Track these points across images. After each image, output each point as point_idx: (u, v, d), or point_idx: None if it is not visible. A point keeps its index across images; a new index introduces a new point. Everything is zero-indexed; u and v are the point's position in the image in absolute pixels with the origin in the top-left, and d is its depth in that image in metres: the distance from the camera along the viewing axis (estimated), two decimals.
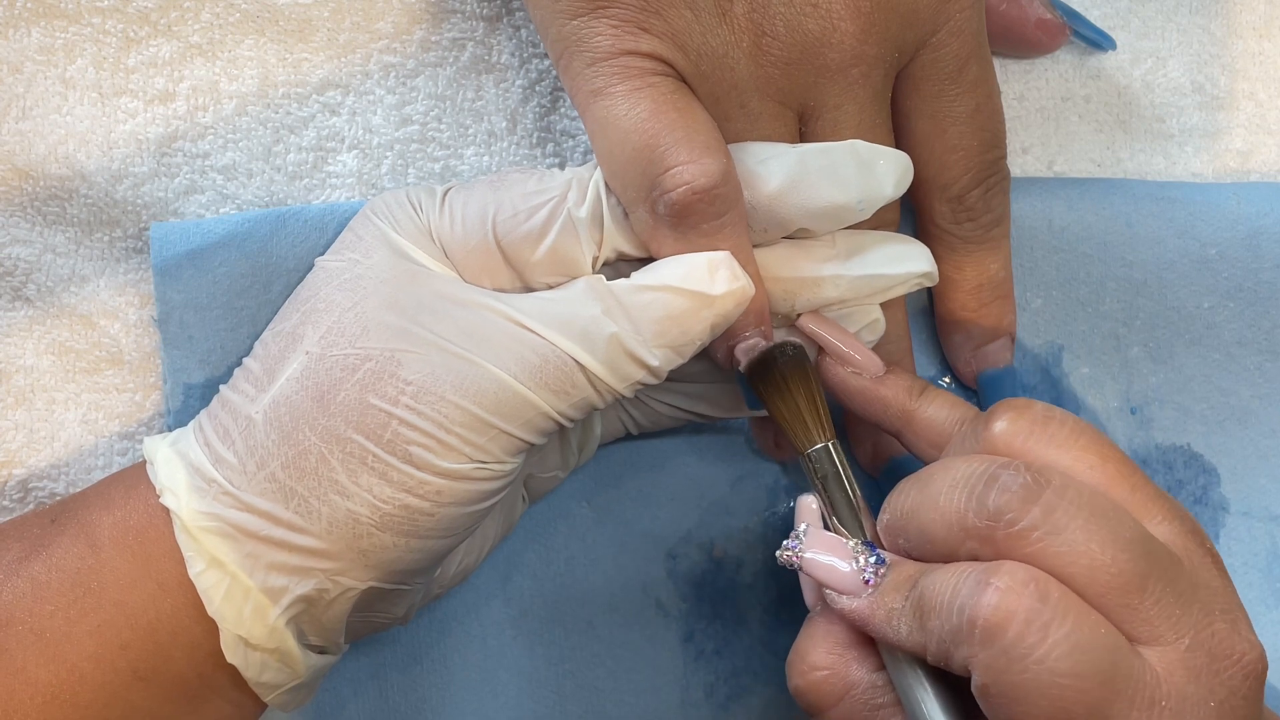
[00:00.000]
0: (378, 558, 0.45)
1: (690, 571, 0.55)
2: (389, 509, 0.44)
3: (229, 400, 0.46)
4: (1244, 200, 0.55)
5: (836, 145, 0.47)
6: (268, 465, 0.44)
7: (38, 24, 0.52)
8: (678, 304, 0.45)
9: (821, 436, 0.47)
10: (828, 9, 0.46)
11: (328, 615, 0.45)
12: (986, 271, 0.52)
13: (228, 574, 0.44)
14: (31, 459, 0.52)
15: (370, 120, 0.54)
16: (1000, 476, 0.41)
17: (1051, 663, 0.39)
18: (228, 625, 0.44)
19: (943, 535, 0.42)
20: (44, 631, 0.44)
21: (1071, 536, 0.40)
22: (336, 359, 0.44)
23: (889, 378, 0.48)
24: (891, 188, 0.47)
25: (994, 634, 0.39)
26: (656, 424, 0.53)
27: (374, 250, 0.46)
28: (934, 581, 0.41)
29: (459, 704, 0.54)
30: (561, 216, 0.46)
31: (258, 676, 0.45)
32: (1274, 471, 0.57)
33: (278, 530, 0.44)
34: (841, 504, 0.46)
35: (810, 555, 0.45)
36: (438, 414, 0.44)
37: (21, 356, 0.52)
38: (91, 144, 0.52)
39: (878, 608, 0.43)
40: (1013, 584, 0.39)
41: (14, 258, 0.52)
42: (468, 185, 0.48)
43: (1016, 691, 0.39)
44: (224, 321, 0.51)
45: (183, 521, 0.44)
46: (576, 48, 0.46)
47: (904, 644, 0.43)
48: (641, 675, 0.55)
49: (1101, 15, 0.57)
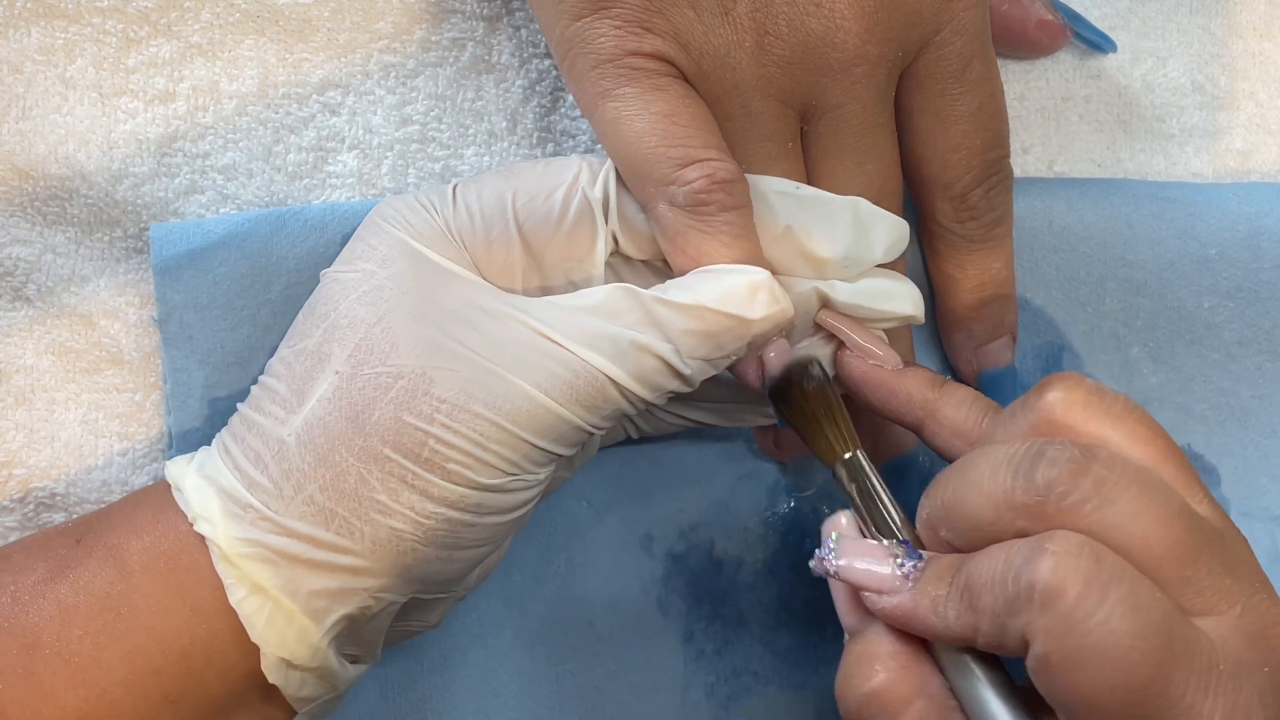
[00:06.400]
0: (421, 571, 0.45)
1: (690, 571, 0.55)
2: (432, 524, 0.44)
3: (255, 423, 0.45)
4: (1244, 200, 0.56)
5: (838, 199, 0.48)
6: (305, 488, 0.44)
7: (38, 24, 0.52)
8: (715, 323, 0.45)
9: (849, 446, 0.46)
10: (831, 8, 0.46)
11: (369, 629, 0.46)
12: (988, 270, 0.52)
13: (270, 599, 0.44)
14: (31, 459, 0.52)
15: (370, 120, 0.53)
16: (1047, 451, 0.40)
17: (1114, 623, 0.37)
18: (271, 649, 0.44)
19: (990, 518, 0.41)
20: (72, 656, 0.43)
21: (1125, 507, 0.39)
22: (368, 378, 0.44)
23: (910, 370, 0.48)
24: (881, 253, 0.48)
25: (1054, 597, 0.38)
26: (659, 431, 0.52)
27: (392, 259, 0.46)
28: (981, 561, 0.40)
29: (459, 703, 0.54)
30: (578, 195, 0.46)
31: (298, 693, 0.45)
32: (1274, 472, 0.57)
33: (320, 553, 0.44)
34: (877, 512, 0.45)
35: (846, 562, 0.43)
36: (473, 431, 0.44)
37: (22, 356, 0.52)
38: (92, 144, 0.52)
39: (921, 598, 0.42)
40: (1068, 547, 0.38)
41: (14, 257, 0.52)
42: (476, 179, 0.48)
43: (1079, 656, 0.38)
44: (224, 321, 0.51)
45: (221, 550, 0.44)
46: (581, 49, 0.46)
47: (952, 630, 0.41)
48: (641, 675, 0.55)
49: (1102, 15, 0.57)
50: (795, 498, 0.55)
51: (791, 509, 0.55)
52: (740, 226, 0.46)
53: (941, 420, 0.47)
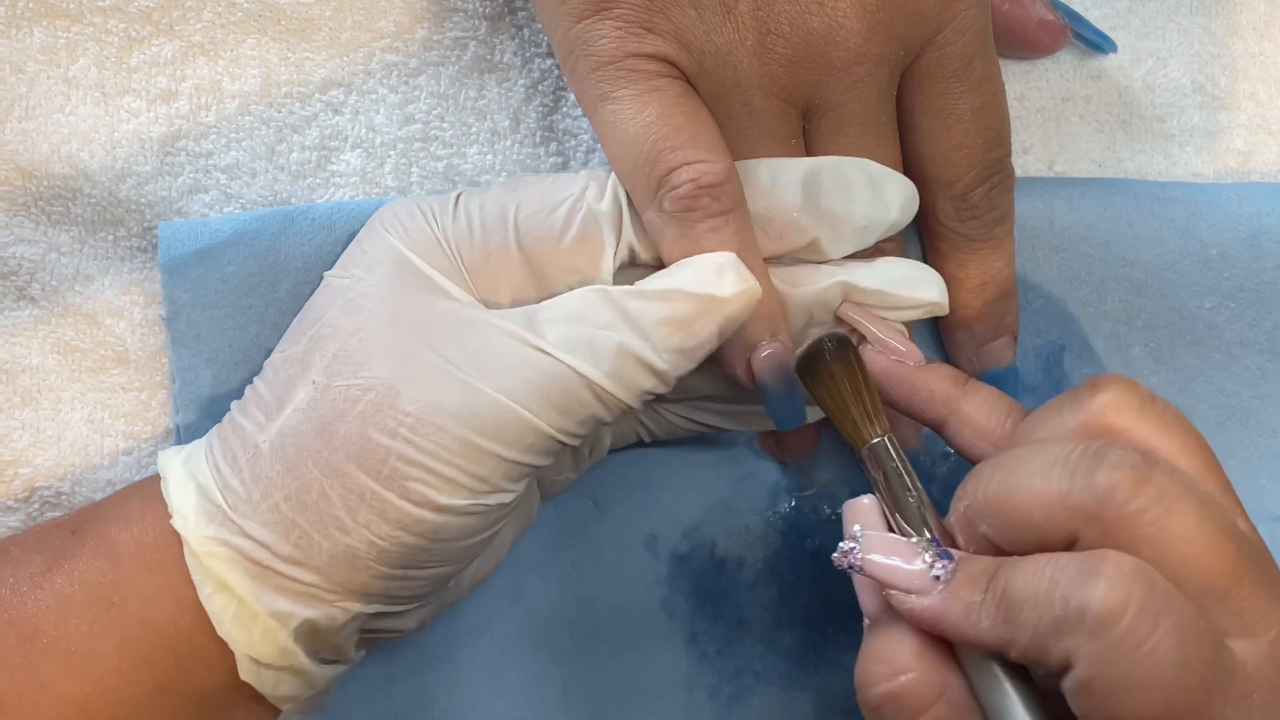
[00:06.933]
0: (379, 587, 0.45)
1: (692, 571, 0.55)
2: (386, 545, 0.44)
3: (239, 425, 0.46)
4: (1245, 200, 0.56)
5: (848, 159, 0.48)
6: (271, 496, 0.44)
7: (40, 24, 0.52)
8: (684, 307, 0.44)
9: (878, 430, 0.45)
10: (833, 7, 0.46)
11: (336, 635, 0.45)
12: (990, 270, 0.52)
13: (235, 598, 0.44)
14: (38, 458, 0.52)
15: (373, 119, 0.54)
16: (1108, 455, 0.39)
17: (1162, 654, 0.37)
18: (239, 647, 0.44)
19: (1040, 518, 0.39)
20: (69, 645, 0.44)
21: (1182, 520, 0.38)
22: (340, 390, 0.44)
23: (932, 366, 0.47)
24: (897, 211, 0.48)
25: (1106, 624, 0.37)
26: (670, 434, 0.52)
27: (377, 266, 0.46)
28: (1022, 573, 0.39)
29: (464, 701, 0.54)
30: (583, 210, 0.46)
31: (273, 691, 0.45)
32: (1275, 472, 0.57)
33: (279, 562, 0.44)
34: (904, 500, 0.44)
35: (873, 557, 0.42)
36: (435, 445, 0.43)
37: (27, 356, 0.52)
38: (95, 143, 0.52)
39: (953, 603, 0.40)
40: (1122, 572, 0.37)
41: (18, 257, 0.52)
42: (481, 189, 0.48)
43: (1126, 684, 0.37)
44: (232, 320, 0.51)
45: (190, 546, 0.44)
46: (582, 51, 0.46)
47: (984, 640, 0.40)
48: (646, 676, 0.55)
49: (1102, 15, 0.57)
50: (796, 497, 0.55)
51: (793, 509, 0.55)
52: (730, 230, 0.45)
53: (964, 419, 0.46)
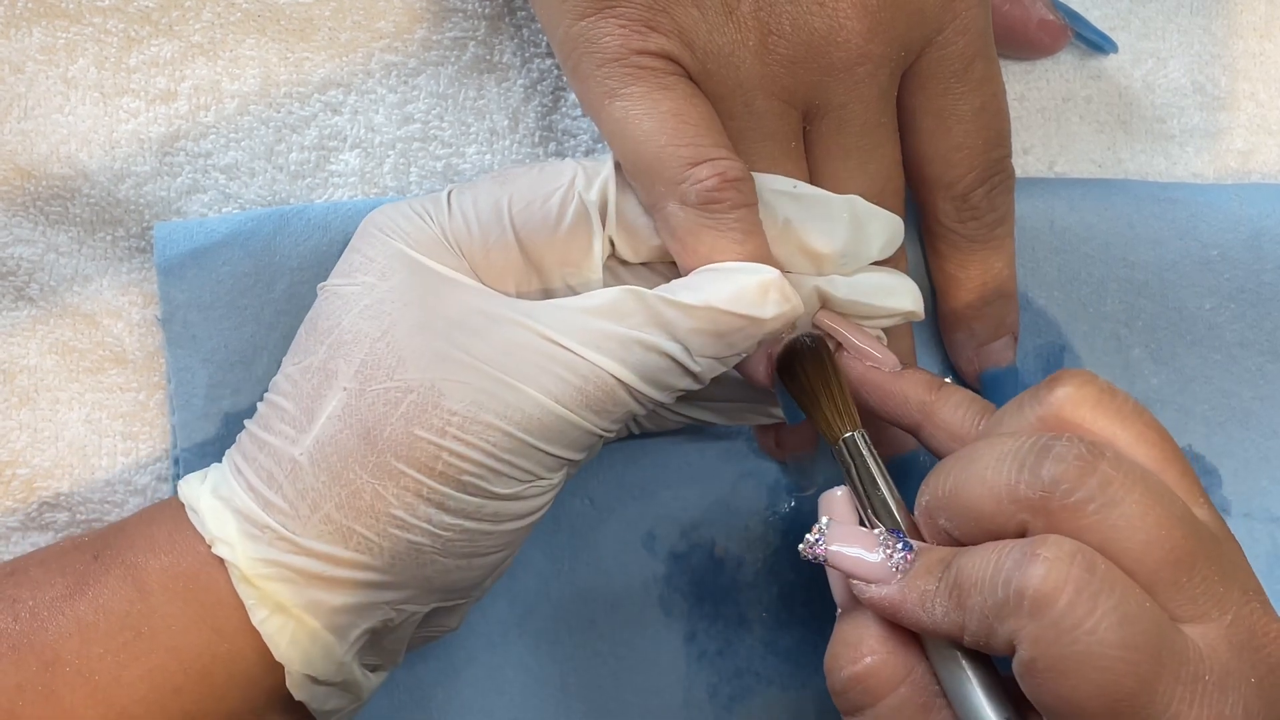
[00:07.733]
0: (442, 580, 0.45)
1: (692, 570, 0.55)
2: (450, 535, 0.44)
3: (266, 442, 0.45)
4: (1245, 201, 0.56)
5: (836, 197, 0.48)
6: (321, 507, 0.44)
7: (39, 24, 0.52)
8: (726, 324, 0.44)
9: (849, 426, 0.46)
10: (834, 7, 0.46)
11: (391, 639, 0.46)
12: (990, 270, 0.52)
13: (292, 617, 0.44)
14: (35, 459, 0.52)
15: (372, 119, 0.53)
16: (1054, 447, 0.40)
17: (1102, 633, 0.37)
18: (296, 667, 0.44)
19: (990, 510, 0.41)
20: (92, 674, 0.43)
21: (1128, 509, 0.39)
22: (377, 394, 0.44)
23: (907, 372, 0.47)
24: (877, 251, 0.48)
25: (1044, 605, 0.38)
26: (661, 427, 0.52)
27: (391, 271, 0.45)
28: (971, 560, 0.40)
29: (464, 701, 0.54)
30: (574, 200, 0.46)
31: (323, 706, 0.45)
32: (1275, 473, 0.57)
33: (340, 570, 0.44)
34: (874, 494, 0.45)
35: (835, 548, 0.43)
36: (485, 442, 0.43)
37: (25, 356, 0.52)
38: (93, 143, 0.52)
39: (909, 591, 0.42)
40: (1060, 554, 0.38)
41: (17, 257, 0.52)
42: (470, 185, 0.48)
43: (1066, 664, 0.38)
44: (228, 320, 0.51)
45: (241, 571, 0.44)
46: (585, 49, 0.46)
47: (939, 626, 0.41)
48: (644, 675, 0.55)
49: (1102, 15, 0.57)
50: (796, 497, 0.55)
51: (792, 508, 0.55)
52: (751, 224, 0.46)
53: (939, 423, 0.46)
